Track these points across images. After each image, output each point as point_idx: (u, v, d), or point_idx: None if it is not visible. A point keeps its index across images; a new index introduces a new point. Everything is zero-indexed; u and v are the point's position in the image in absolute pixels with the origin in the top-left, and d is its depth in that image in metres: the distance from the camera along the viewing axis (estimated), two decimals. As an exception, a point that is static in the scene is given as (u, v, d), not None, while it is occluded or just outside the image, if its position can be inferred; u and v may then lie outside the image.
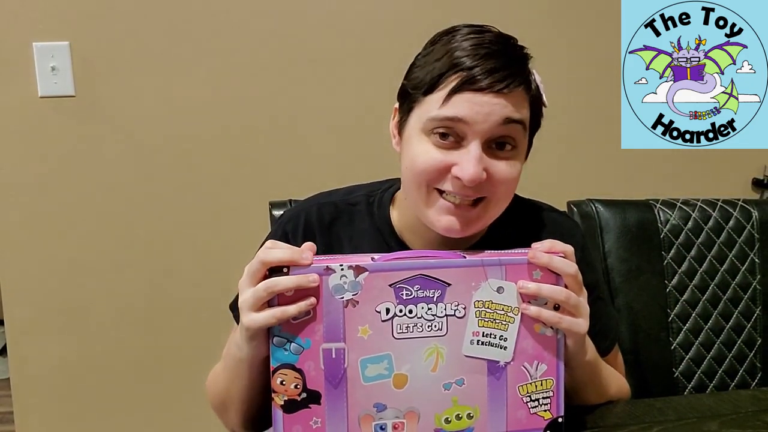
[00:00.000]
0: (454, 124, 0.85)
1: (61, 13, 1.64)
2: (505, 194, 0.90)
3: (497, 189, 0.88)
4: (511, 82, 0.85)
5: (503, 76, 0.84)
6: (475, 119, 0.84)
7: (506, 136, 0.87)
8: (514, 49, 0.91)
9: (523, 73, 0.88)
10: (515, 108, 0.86)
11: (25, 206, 1.70)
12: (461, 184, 0.85)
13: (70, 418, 1.80)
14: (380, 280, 0.77)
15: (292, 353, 0.77)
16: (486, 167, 0.85)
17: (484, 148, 0.86)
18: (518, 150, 0.89)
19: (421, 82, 0.88)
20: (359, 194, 1.04)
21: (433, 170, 0.86)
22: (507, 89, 0.84)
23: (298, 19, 1.74)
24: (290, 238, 0.98)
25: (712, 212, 1.42)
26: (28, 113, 1.66)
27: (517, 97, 0.86)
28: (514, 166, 0.89)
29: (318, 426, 0.78)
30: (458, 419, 0.81)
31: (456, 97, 0.84)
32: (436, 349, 0.79)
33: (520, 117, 0.86)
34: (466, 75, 0.84)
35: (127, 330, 1.78)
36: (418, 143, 0.88)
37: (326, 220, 1.00)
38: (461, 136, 0.86)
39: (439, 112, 0.85)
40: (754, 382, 1.40)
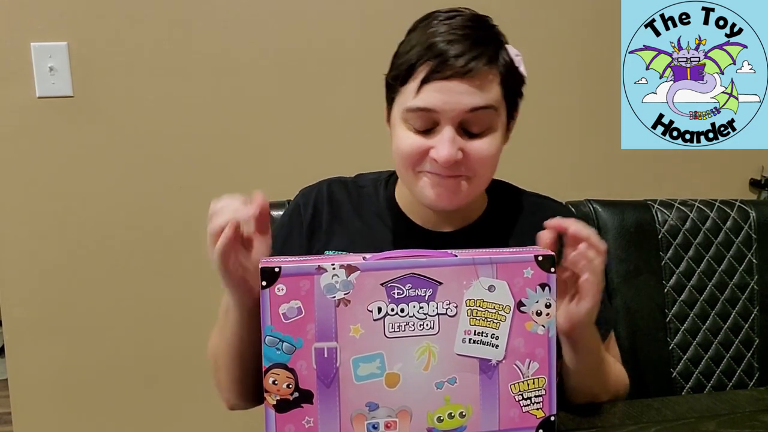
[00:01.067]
0: (426, 113, 0.91)
1: (59, 14, 1.64)
2: (485, 170, 0.95)
3: (475, 166, 0.93)
4: (476, 64, 0.89)
5: (468, 59, 0.89)
6: (444, 108, 0.90)
7: (478, 120, 0.92)
8: (482, 29, 0.95)
9: (488, 52, 0.92)
10: (482, 93, 0.91)
11: (24, 206, 1.70)
12: (439, 165, 0.91)
13: (69, 418, 1.80)
14: (372, 279, 0.77)
15: (284, 353, 0.77)
16: (461, 147, 0.91)
17: (459, 130, 0.92)
18: (493, 128, 0.94)
19: (398, 74, 0.94)
20: (367, 179, 1.11)
21: (414, 154, 0.93)
22: (472, 72, 0.89)
23: (298, 19, 1.74)
24: (301, 210, 1.06)
25: (710, 213, 1.42)
26: (26, 114, 1.66)
27: (484, 79, 0.91)
28: (490, 143, 0.94)
29: (310, 425, 0.78)
30: (450, 418, 0.81)
31: (426, 87, 0.90)
32: (428, 347, 0.79)
33: (487, 102, 0.91)
34: (434, 64, 0.89)
35: (126, 331, 1.78)
36: (400, 130, 0.95)
37: (336, 195, 1.07)
38: (435, 122, 0.91)
39: (412, 104, 0.91)
40: (751, 382, 1.39)
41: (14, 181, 1.69)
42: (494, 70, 0.93)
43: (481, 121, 0.92)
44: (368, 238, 1.03)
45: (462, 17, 0.95)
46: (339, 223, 1.05)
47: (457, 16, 0.95)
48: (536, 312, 0.81)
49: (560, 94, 1.88)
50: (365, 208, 1.06)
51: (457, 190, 0.94)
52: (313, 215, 1.05)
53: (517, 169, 1.87)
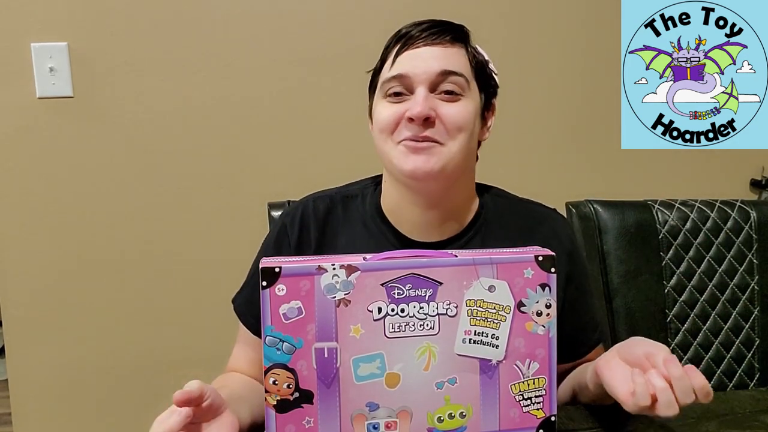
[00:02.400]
0: (400, 80, 0.96)
1: (59, 14, 1.64)
2: (459, 136, 0.96)
3: (448, 128, 0.95)
4: (443, 35, 0.96)
5: (436, 31, 0.96)
6: (415, 71, 0.95)
7: (449, 83, 0.95)
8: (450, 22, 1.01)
9: (455, 30, 0.99)
10: (449, 60, 0.96)
11: (24, 206, 1.70)
12: (414, 125, 0.94)
13: (69, 419, 1.80)
14: (372, 279, 0.77)
15: (285, 353, 0.77)
16: (434, 107, 0.94)
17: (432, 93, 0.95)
18: (466, 98, 0.97)
19: (376, 66, 1.02)
20: (355, 187, 1.10)
21: (391, 120, 0.96)
22: (438, 39, 0.96)
23: (297, 20, 1.74)
24: (288, 230, 1.05)
25: (711, 213, 1.42)
26: (26, 114, 1.66)
27: (451, 49, 0.97)
28: (464, 108, 0.96)
29: (311, 425, 0.78)
30: (451, 418, 0.81)
31: (399, 59, 0.97)
32: (428, 348, 0.79)
33: (455, 68, 0.96)
34: (404, 38, 0.97)
35: (126, 331, 1.78)
36: (380, 107, 0.99)
37: (321, 212, 1.05)
38: (410, 89, 0.96)
39: (388, 75, 0.97)
40: (752, 382, 1.39)
41: (14, 181, 1.69)
42: (461, 47, 0.98)
43: (455, 86, 0.95)
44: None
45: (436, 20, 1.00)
46: (326, 242, 1.03)
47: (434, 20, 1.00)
48: (536, 312, 0.81)
49: (560, 94, 1.88)
50: (352, 223, 1.05)
51: (431, 156, 0.94)
52: (299, 236, 1.04)
53: (518, 169, 1.89)
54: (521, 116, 1.86)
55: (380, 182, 1.07)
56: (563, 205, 1.41)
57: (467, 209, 1.04)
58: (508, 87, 1.83)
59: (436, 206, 1.00)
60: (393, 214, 1.03)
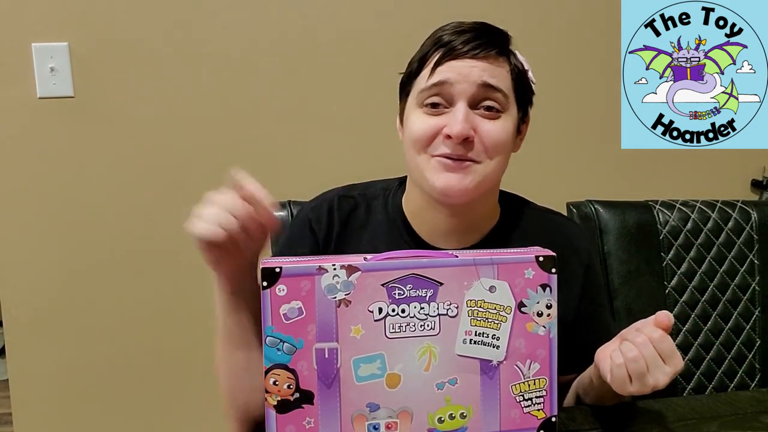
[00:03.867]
0: (439, 89, 0.93)
1: (60, 14, 1.64)
2: (496, 155, 0.94)
3: (486, 148, 0.93)
4: (486, 48, 0.93)
5: (479, 43, 0.93)
6: (456, 80, 0.92)
7: (489, 99, 0.93)
8: (492, 27, 0.98)
9: (499, 43, 0.96)
10: (492, 74, 0.93)
11: (24, 207, 1.70)
12: (452, 142, 0.91)
13: (69, 419, 1.80)
14: (373, 279, 0.77)
15: (285, 353, 0.77)
16: (474, 126, 0.92)
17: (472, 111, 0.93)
18: (506, 115, 0.95)
19: (411, 70, 0.98)
20: (377, 188, 1.08)
21: (428, 134, 0.93)
22: (483, 53, 0.92)
23: (298, 20, 1.74)
24: (314, 226, 1.04)
25: (711, 213, 1.42)
26: (26, 114, 1.66)
27: (494, 65, 0.94)
28: (502, 127, 0.94)
29: (311, 426, 0.78)
30: (451, 419, 0.80)
31: (440, 68, 0.93)
32: (428, 348, 0.79)
33: (497, 84, 0.93)
34: (447, 48, 0.93)
35: (127, 331, 1.78)
36: (414, 116, 0.96)
37: (345, 211, 1.04)
38: (449, 101, 0.93)
39: (427, 83, 0.94)
40: (753, 383, 1.39)
41: (15, 181, 1.69)
42: (504, 61, 0.95)
43: (495, 102, 0.93)
44: None
45: (474, 21, 0.98)
46: (346, 242, 1.02)
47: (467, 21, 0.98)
48: (537, 313, 0.81)
49: (560, 94, 1.88)
50: (373, 225, 1.04)
51: (466, 176, 0.92)
52: (327, 232, 1.03)
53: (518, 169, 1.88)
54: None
55: (404, 182, 1.06)
56: (564, 206, 1.41)
57: (489, 218, 1.04)
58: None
59: (459, 216, 0.99)
60: (415, 218, 1.02)
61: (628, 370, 0.82)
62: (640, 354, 0.82)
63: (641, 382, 0.82)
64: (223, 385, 0.95)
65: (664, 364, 0.82)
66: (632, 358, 0.82)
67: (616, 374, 0.83)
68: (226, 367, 0.93)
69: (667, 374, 0.83)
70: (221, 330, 0.92)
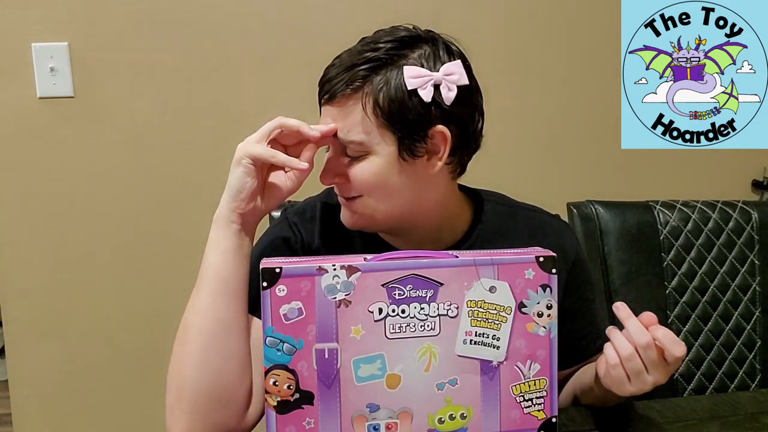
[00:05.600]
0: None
1: (60, 14, 1.64)
2: (372, 191, 0.91)
3: (359, 188, 0.91)
4: (338, 88, 0.89)
5: (333, 84, 0.90)
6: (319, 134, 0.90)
7: (349, 145, 0.90)
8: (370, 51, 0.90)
9: (354, 76, 0.89)
10: (346, 124, 0.89)
11: (24, 206, 1.70)
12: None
13: (69, 419, 1.79)
14: (373, 280, 0.77)
15: (285, 354, 0.77)
16: (340, 171, 0.91)
17: (342, 154, 0.91)
18: (372, 155, 0.90)
19: None
20: None
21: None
22: (335, 98, 0.90)
23: (298, 21, 1.74)
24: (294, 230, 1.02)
25: (712, 214, 1.42)
26: (26, 114, 1.66)
27: (346, 108, 0.89)
28: (368, 167, 0.90)
29: (311, 426, 0.78)
30: (452, 419, 0.80)
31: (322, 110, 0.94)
32: (429, 348, 0.79)
33: (348, 137, 0.89)
34: (319, 88, 0.94)
35: (127, 332, 1.78)
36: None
37: (326, 219, 1.03)
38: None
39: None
40: (753, 383, 1.39)
41: (14, 181, 1.69)
42: (358, 98, 0.89)
43: (352, 148, 0.90)
44: None
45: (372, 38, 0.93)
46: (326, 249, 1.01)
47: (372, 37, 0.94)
48: (537, 313, 0.81)
49: (560, 94, 1.88)
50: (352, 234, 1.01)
51: (355, 211, 0.94)
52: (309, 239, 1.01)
53: (518, 169, 1.89)
54: (521, 116, 1.86)
55: None
56: (564, 206, 1.41)
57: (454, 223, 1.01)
58: (508, 87, 1.85)
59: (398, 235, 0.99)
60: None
61: (625, 369, 0.82)
62: (634, 351, 0.82)
63: (640, 380, 0.82)
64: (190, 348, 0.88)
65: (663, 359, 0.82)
66: (627, 356, 0.82)
67: (614, 375, 0.83)
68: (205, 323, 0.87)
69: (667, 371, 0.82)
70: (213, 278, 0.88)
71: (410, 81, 0.88)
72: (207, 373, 0.85)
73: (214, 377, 0.85)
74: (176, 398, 0.87)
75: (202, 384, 0.85)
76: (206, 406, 0.85)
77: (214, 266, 0.88)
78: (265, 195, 0.90)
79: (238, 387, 0.86)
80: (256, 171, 0.86)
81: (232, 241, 0.88)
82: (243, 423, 0.88)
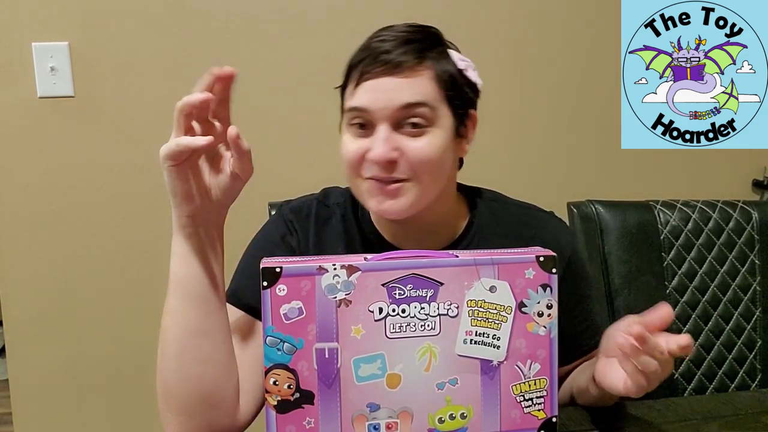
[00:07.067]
0: (360, 113, 0.90)
1: (61, 14, 1.64)
2: (427, 172, 0.91)
3: (414, 167, 0.90)
4: (405, 58, 0.88)
5: (395, 55, 0.88)
6: (375, 107, 0.89)
7: (413, 116, 0.89)
8: (416, 32, 0.93)
9: (420, 50, 0.90)
10: (414, 88, 0.89)
11: (24, 207, 1.70)
12: (377, 167, 0.89)
13: (69, 419, 1.80)
14: (373, 279, 0.77)
15: (285, 353, 0.77)
16: (398, 146, 0.89)
17: (396, 129, 0.90)
18: (434, 128, 0.91)
19: (343, 81, 0.95)
20: (349, 196, 1.05)
21: (355, 159, 0.91)
22: (401, 67, 0.88)
23: (298, 21, 1.74)
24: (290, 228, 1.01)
25: (712, 213, 1.42)
26: (27, 114, 1.66)
27: (413, 77, 0.89)
28: (429, 143, 0.90)
29: (311, 426, 0.78)
30: (452, 419, 0.80)
31: (359, 88, 0.90)
32: (429, 348, 0.79)
33: (418, 99, 0.89)
34: (365, 63, 0.90)
35: (127, 331, 1.78)
36: (345, 136, 0.94)
37: (321, 219, 1.03)
38: (372, 124, 0.90)
39: (349, 104, 0.92)
40: (754, 383, 1.39)
41: (15, 181, 1.69)
42: (425, 68, 0.90)
43: (417, 118, 0.89)
44: None
45: (405, 24, 0.94)
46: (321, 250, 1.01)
47: (401, 25, 0.94)
48: (538, 313, 0.81)
49: (560, 94, 1.88)
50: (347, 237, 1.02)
51: (397, 197, 0.91)
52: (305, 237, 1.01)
53: (518, 169, 1.89)
54: (521, 116, 1.86)
55: None
56: (564, 206, 1.41)
57: (452, 219, 1.02)
58: (508, 87, 1.85)
59: (408, 224, 0.97)
60: (378, 225, 1.02)
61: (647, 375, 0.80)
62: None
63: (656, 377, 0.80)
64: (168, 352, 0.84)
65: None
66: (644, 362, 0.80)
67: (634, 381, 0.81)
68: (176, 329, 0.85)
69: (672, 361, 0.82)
70: (175, 284, 0.88)
71: (459, 62, 0.93)
72: (187, 378, 0.83)
73: (194, 382, 0.83)
74: (164, 402, 0.85)
75: (184, 389, 0.83)
76: (193, 409, 0.84)
77: (174, 272, 0.88)
78: (208, 191, 0.85)
79: (223, 389, 0.85)
80: (179, 170, 0.82)
81: (185, 245, 0.87)
82: (236, 421, 0.87)
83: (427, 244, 0.98)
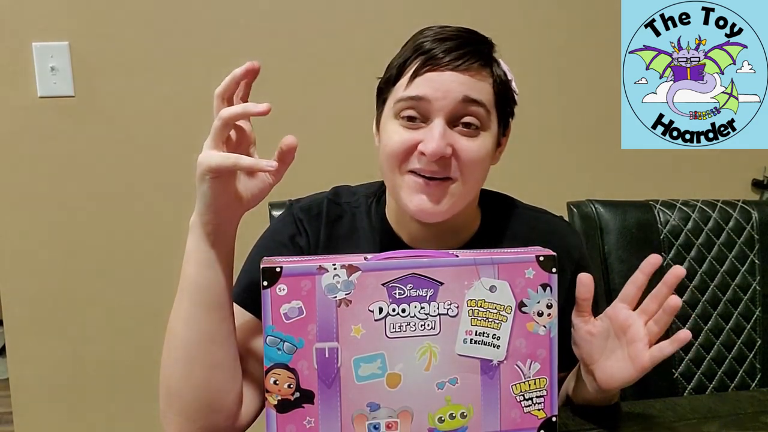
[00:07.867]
0: (417, 103, 0.88)
1: (61, 14, 1.64)
2: (473, 174, 0.91)
3: (463, 166, 0.89)
4: (468, 59, 0.88)
5: (461, 54, 0.88)
6: (435, 96, 0.87)
7: (469, 115, 0.89)
8: (476, 35, 0.94)
9: (482, 54, 0.91)
10: (474, 88, 0.88)
11: (24, 206, 1.70)
12: (427, 159, 0.87)
13: (69, 418, 1.80)
14: (373, 279, 0.77)
15: (285, 353, 0.77)
16: (451, 143, 0.88)
17: (450, 127, 0.89)
18: (485, 131, 0.91)
19: (389, 76, 0.94)
20: (360, 195, 1.05)
21: (402, 149, 0.89)
22: (465, 65, 0.88)
23: (298, 21, 1.75)
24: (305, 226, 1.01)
25: (712, 213, 1.42)
26: (27, 113, 1.66)
27: (477, 77, 0.89)
28: (481, 145, 0.90)
29: (311, 426, 0.78)
30: (452, 418, 0.80)
31: (418, 79, 0.88)
32: (429, 348, 0.79)
33: (479, 97, 0.89)
34: (427, 56, 0.88)
35: (127, 330, 1.78)
36: (390, 127, 0.92)
37: (332, 218, 1.02)
38: (426, 116, 0.89)
39: (404, 93, 0.89)
40: (753, 383, 1.39)
41: (15, 181, 1.69)
42: (487, 73, 0.91)
43: (474, 117, 0.89)
44: None
45: (457, 26, 0.94)
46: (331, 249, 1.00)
47: (452, 27, 0.93)
48: (538, 312, 0.81)
49: (560, 94, 1.88)
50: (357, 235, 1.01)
51: (441, 197, 0.90)
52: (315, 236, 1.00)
53: (518, 169, 1.88)
54: (521, 116, 1.85)
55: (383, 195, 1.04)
56: (564, 205, 1.41)
57: (471, 222, 1.02)
58: (509, 87, 1.85)
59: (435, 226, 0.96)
60: (396, 224, 1.01)
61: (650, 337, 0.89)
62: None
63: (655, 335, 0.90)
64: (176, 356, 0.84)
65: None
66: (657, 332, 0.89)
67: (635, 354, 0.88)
68: (188, 334, 0.84)
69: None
70: (192, 290, 0.85)
71: (508, 73, 0.95)
72: (193, 383, 0.83)
73: (200, 387, 0.83)
74: (167, 403, 0.85)
75: (189, 393, 0.83)
76: (196, 413, 0.84)
77: (192, 278, 0.85)
78: (240, 198, 0.83)
79: (227, 394, 0.85)
80: (221, 182, 0.79)
81: (208, 253, 0.83)
82: (236, 424, 0.87)
83: (444, 246, 0.96)
